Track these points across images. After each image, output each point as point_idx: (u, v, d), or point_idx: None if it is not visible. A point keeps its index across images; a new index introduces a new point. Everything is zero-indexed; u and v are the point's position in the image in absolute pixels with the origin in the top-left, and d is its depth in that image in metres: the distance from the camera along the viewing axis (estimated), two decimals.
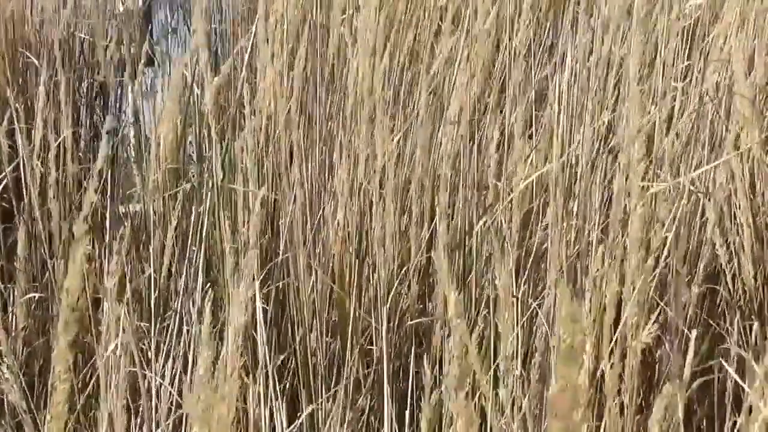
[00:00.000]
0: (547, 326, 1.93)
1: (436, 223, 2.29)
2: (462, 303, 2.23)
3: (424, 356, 2.14)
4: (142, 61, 3.21)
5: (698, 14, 2.79)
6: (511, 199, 2.24)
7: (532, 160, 2.38)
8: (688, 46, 2.70)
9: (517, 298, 2.00)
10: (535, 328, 2.03)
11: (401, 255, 2.26)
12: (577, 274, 2.05)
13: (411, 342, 2.26)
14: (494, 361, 1.93)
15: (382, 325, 2.08)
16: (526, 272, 2.19)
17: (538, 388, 1.89)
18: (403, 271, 2.26)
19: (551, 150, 2.20)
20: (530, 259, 2.22)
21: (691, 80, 2.57)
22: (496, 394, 1.88)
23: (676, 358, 1.73)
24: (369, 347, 2.25)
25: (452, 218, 2.30)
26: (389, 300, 2.15)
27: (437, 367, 2.20)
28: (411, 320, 2.25)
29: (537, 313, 2.04)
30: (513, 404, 1.83)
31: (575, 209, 2.18)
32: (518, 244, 2.18)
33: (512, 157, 2.32)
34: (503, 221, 2.26)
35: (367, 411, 2.18)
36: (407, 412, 1.94)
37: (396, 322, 2.22)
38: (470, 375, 1.67)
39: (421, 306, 2.31)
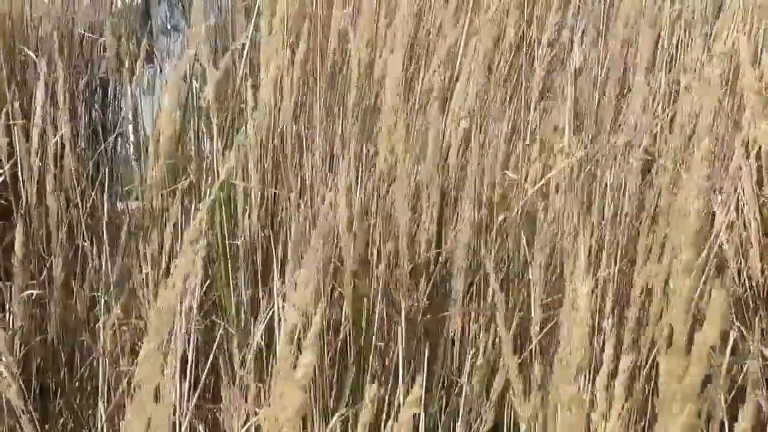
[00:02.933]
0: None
1: (444, 220, 2.28)
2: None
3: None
4: (141, 57, 3.18)
5: (702, 7, 2.78)
6: (530, 194, 2.23)
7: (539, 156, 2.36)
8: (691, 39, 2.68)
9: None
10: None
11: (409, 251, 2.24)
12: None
13: (422, 340, 2.25)
14: None
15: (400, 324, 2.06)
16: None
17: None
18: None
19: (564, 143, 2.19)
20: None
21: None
22: None
23: None
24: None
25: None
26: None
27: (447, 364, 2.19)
28: (420, 317, 2.23)
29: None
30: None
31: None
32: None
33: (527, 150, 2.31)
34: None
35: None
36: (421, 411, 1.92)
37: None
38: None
39: (428, 303, 2.29)
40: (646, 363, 1.91)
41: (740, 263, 2.30)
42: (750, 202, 2.29)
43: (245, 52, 2.76)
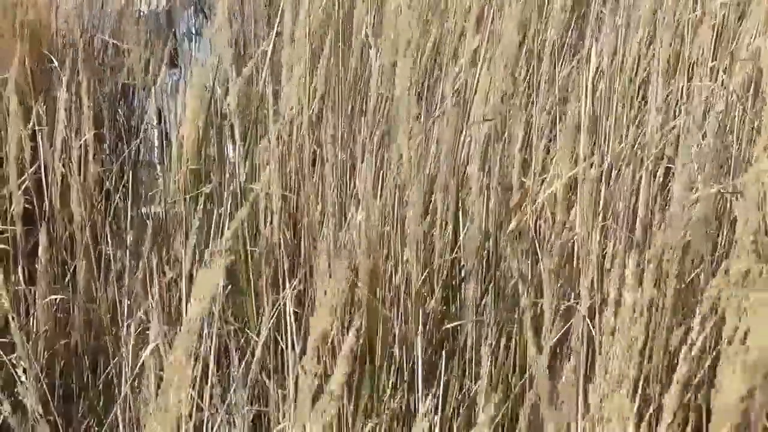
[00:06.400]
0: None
1: (459, 226, 2.28)
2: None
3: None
4: (165, 63, 3.20)
5: (724, 12, 2.77)
6: (543, 200, 2.23)
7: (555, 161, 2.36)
8: (714, 46, 2.67)
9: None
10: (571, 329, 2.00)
11: (424, 257, 2.24)
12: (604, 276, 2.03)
13: (439, 346, 2.25)
14: None
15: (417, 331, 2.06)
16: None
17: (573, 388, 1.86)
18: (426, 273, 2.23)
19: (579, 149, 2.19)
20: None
21: (717, 79, 2.55)
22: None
23: None
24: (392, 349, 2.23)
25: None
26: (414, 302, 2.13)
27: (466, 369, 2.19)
28: (434, 323, 2.23)
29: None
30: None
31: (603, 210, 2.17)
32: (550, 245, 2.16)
33: (538, 156, 2.31)
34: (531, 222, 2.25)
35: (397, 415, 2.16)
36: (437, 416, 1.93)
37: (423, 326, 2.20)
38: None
39: (444, 308, 2.29)
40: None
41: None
42: None
43: (268, 57, 2.78)
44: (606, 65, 2.44)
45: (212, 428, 1.99)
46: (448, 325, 2.22)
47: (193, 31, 4.52)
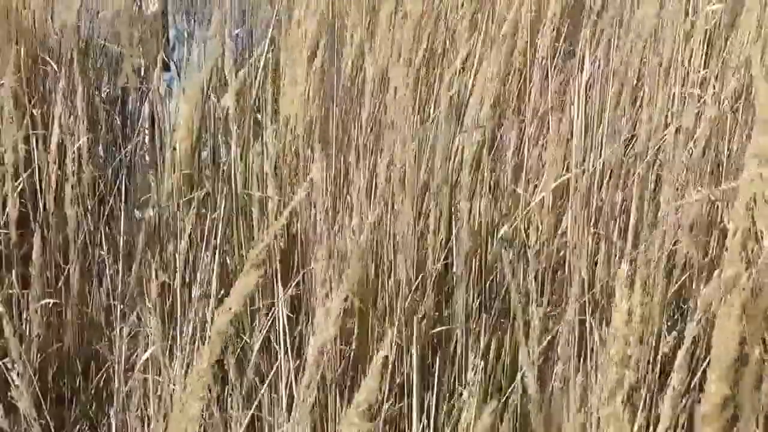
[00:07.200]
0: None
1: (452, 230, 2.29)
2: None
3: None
4: (158, 66, 3.20)
5: (715, 20, 2.78)
6: (534, 204, 2.24)
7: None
8: (706, 53, 2.69)
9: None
10: (558, 335, 2.01)
11: (417, 262, 2.25)
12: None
13: (430, 350, 2.25)
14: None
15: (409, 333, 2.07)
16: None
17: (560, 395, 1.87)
18: (419, 279, 2.24)
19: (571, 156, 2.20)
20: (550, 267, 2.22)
21: (708, 87, 2.56)
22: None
23: None
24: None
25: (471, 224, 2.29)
26: (407, 308, 2.14)
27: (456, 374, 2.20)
28: (427, 327, 2.24)
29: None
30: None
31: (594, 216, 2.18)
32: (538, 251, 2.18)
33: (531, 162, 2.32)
34: (522, 228, 2.26)
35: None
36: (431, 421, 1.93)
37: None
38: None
39: (437, 313, 2.30)
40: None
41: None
42: (762, 214, 2.28)
43: (263, 62, 2.79)
44: (598, 72, 2.45)
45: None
46: (436, 330, 2.23)
47: (185, 35, 4.52)
